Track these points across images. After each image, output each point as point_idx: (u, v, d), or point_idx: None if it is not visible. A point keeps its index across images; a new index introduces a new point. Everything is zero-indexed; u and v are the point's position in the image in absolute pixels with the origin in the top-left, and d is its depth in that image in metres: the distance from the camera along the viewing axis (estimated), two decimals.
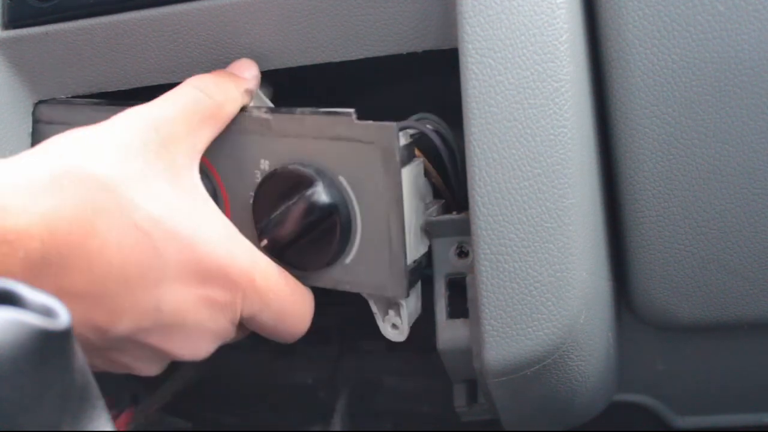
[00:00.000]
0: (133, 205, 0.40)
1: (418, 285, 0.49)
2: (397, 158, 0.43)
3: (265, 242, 0.46)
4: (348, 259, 0.46)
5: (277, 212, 0.45)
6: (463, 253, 0.49)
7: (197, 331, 0.43)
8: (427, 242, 0.48)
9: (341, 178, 0.45)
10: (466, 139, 0.44)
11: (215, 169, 0.49)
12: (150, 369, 0.45)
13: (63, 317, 0.28)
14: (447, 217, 0.48)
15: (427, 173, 0.49)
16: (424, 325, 0.51)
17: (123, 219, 0.40)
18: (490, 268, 0.44)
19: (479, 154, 0.44)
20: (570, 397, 0.48)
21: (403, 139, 0.44)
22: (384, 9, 0.49)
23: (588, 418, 0.54)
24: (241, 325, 0.46)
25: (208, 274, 0.42)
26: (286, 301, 0.46)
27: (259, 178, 0.47)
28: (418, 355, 0.70)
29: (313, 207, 0.44)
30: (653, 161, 0.46)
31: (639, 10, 0.45)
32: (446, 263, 0.49)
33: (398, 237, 0.44)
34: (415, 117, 0.50)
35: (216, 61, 0.52)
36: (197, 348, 0.44)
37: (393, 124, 0.43)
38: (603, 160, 0.48)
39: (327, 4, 0.49)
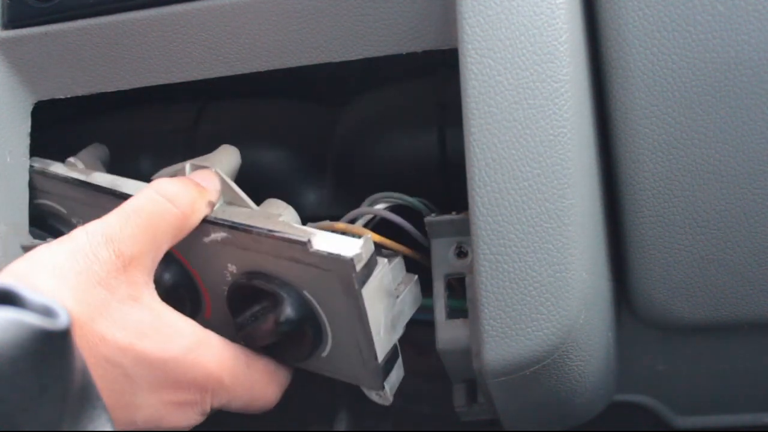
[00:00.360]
0: (101, 339, 0.41)
1: (399, 359, 0.49)
2: (356, 286, 0.43)
3: (242, 341, 0.47)
4: (324, 354, 0.47)
5: (249, 314, 0.46)
6: (462, 254, 0.49)
7: (170, 425, 0.45)
8: (401, 327, 0.49)
9: (306, 293, 0.45)
10: (466, 139, 0.44)
11: (188, 262, 0.49)
12: None
13: (63, 317, 0.28)
14: (446, 217, 0.48)
15: (395, 250, 0.49)
16: (423, 326, 0.51)
17: (93, 354, 0.41)
18: (489, 268, 0.44)
19: (479, 155, 0.44)
20: (570, 397, 0.48)
21: (363, 252, 0.43)
22: (384, 9, 0.49)
23: (588, 418, 0.54)
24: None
25: (177, 385, 0.44)
26: (254, 390, 0.48)
27: (229, 278, 0.48)
28: (418, 356, 0.70)
29: (282, 322, 0.45)
30: (653, 161, 0.46)
31: (639, 10, 0.45)
32: (445, 263, 0.49)
33: (366, 346, 0.45)
34: (370, 199, 0.51)
35: (216, 62, 0.52)
36: None
37: (348, 258, 0.42)
38: (603, 160, 0.48)
39: (327, 4, 0.49)
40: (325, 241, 0.44)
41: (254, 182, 0.62)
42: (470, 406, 0.53)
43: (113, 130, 0.64)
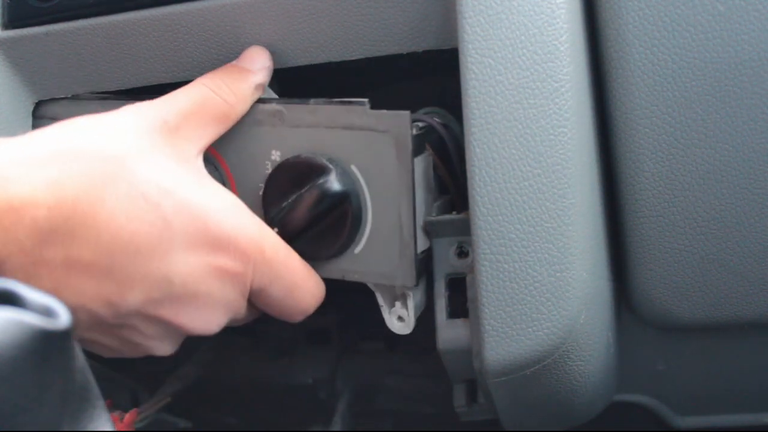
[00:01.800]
0: (142, 176, 0.41)
1: (424, 279, 0.49)
2: (410, 147, 0.43)
3: (275, 231, 0.46)
4: (357, 249, 0.47)
5: (288, 200, 0.45)
6: (463, 253, 0.49)
7: (208, 302, 0.43)
8: (428, 242, 0.49)
9: (353, 167, 0.45)
10: (466, 139, 0.44)
11: (224, 160, 0.49)
12: (163, 348, 0.45)
13: (63, 317, 0.28)
14: (447, 217, 0.48)
15: (435, 167, 0.49)
16: (423, 326, 0.51)
17: (132, 189, 0.40)
18: (490, 268, 0.44)
19: (479, 154, 0.44)
20: (570, 397, 0.48)
21: (414, 130, 0.45)
22: (384, 9, 0.49)
23: (588, 418, 0.54)
24: (251, 304, 0.46)
25: (218, 244, 0.42)
26: (295, 273, 0.46)
27: (269, 169, 0.47)
28: (418, 356, 0.70)
29: (325, 195, 0.45)
30: (653, 161, 0.46)
31: (639, 10, 0.45)
32: (446, 263, 0.49)
33: (409, 225, 0.44)
34: (423, 110, 0.50)
35: (216, 61, 0.52)
36: (209, 321, 0.44)
37: (406, 113, 0.43)
38: (603, 160, 0.48)
39: (327, 4, 0.49)
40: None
41: None
42: (470, 406, 0.53)
43: None
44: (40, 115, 0.56)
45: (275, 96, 0.52)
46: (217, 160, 0.49)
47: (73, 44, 0.54)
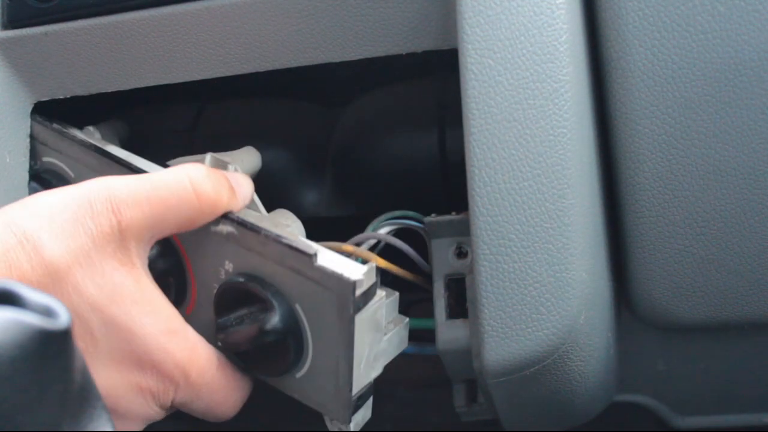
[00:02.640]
0: (75, 289, 0.40)
1: (371, 398, 0.48)
2: (351, 311, 0.42)
3: (219, 342, 0.46)
4: (299, 374, 0.47)
5: (234, 316, 0.45)
6: (462, 254, 0.49)
7: (126, 414, 0.43)
8: (381, 366, 0.48)
9: (297, 306, 0.45)
10: (466, 139, 0.44)
11: (185, 250, 0.49)
12: None
13: (63, 317, 0.28)
14: (446, 217, 0.48)
15: (399, 275, 0.49)
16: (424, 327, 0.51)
17: (62, 302, 0.40)
18: (489, 268, 0.44)
19: (479, 155, 0.44)
20: (570, 397, 0.48)
21: (366, 279, 0.43)
22: (384, 9, 0.49)
23: (588, 418, 0.54)
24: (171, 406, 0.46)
25: (142, 365, 0.42)
26: (218, 394, 0.46)
27: (223, 275, 0.47)
28: (418, 356, 0.70)
29: (266, 331, 0.44)
30: (653, 161, 0.46)
31: (639, 10, 0.45)
32: (445, 264, 0.49)
33: (345, 374, 0.44)
34: (373, 225, 0.50)
35: (216, 61, 0.52)
36: (124, 428, 0.44)
37: (350, 280, 0.42)
38: (603, 160, 0.48)
39: (327, 4, 0.49)
40: (331, 259, 0.44)
41: (254, 182, 0.62)
42: (470, 407, 0.53)
43: None
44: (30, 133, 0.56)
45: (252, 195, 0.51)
46: (177, 245, 0.49)
47: (72, 44, 0.54)
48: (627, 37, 0.46)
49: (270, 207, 0.60)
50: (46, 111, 0.57)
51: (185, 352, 0.44)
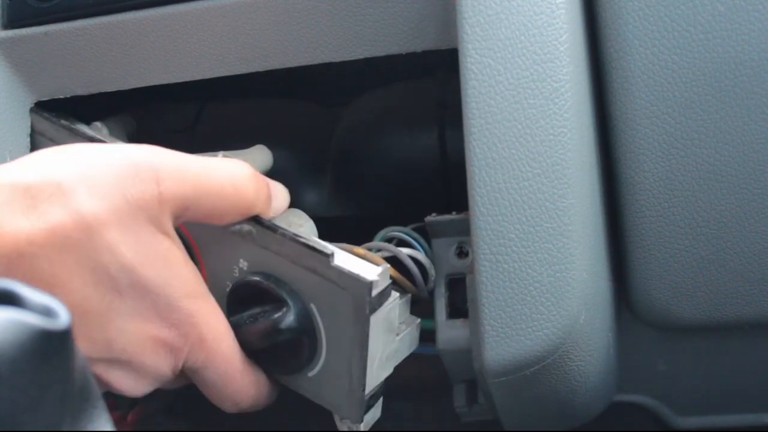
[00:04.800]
0: (108, 248, 0.40)
1: (381, 399, 0.48)
2: (367, 311, 0.42)
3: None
4: (311, 373, 0.47)
5: (247, 315, 0.45)
6: (462, 253, 0.49)
7: (139, 369, 0.44)
8: (392, 366, 0.48)
9: (312, 306, 0.45)
10: (466, 139, 0.44)
11: (198, 248, 0.49)
12: (124, 389, 0.45)
13: (63, 317, 0.28)
14: (447, 217, 0.48)
15: (403, 287, 0.49)
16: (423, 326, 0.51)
17: (92, 257, 0.40)
18: (489, 268, 0.44)
19: (479, 154, 0.44)
20: (570, 397, 0.48)
21: (381, 281, 0.43)
22: (384, 9, 0.49)
23: (588, 418, 0.54)
24: (183, 374, 0.46)
25: (163, 319, 0.43)
26: (231, 366, 0.46)
27: (237, 274, 0.47)
28: (418, 355, 0.70)
29: (281, 329, 0.44)
30: (653, 161, 0.46)
31: (639, 10, 0.45)
32: (446, 263, 0.49)
33: (359, 374, 0.44)
34: (394, 232, 0.50)
35: (216, 61, 0.52)
36: (135, 386, 0.44)
37: (367, 281, 0.42)
38: (603, 160, 0.48)
39: (327, 4, 0.49)
40: (347, 260, 0.44)
41: None
42: (470, 407, 0.53)
43: None
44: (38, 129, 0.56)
45: None
46: (191, 244, 0.48)
47: (72, 44, 0.54)
48: (627, 37, 0.46)
49: None
50: (48, 108, 0.57)
51: (205, 316, 0.44)
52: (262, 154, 0.55)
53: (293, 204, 0.54)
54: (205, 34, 0.52)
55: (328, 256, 0.43)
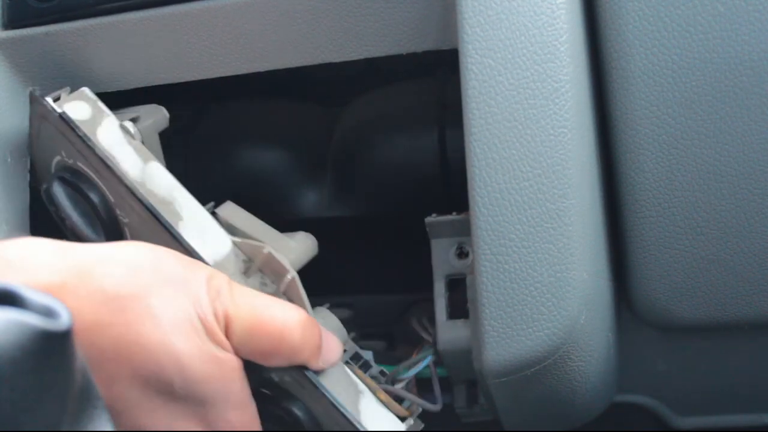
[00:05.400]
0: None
1: None
2: None
3: None
4: None
5: None
6: (463, 254, 0.49)
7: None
8: None
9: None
10: (466, 139, 0.44)
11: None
12: None
13: (63, 317, 0.28)
14: (447, 217, 0.48)
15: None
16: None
17: None
18: (490, 268, 0.44)
19: (479, 155, 0.44)
20: (570, 397, 0.48)
21: None
22: (384, 9, 0.49)
23: (589, 418, 0.54)
24: None
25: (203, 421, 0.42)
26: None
27: None
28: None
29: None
30: (653, 161, 0.46)
31: (639, 10, 0.45)
32: (446, 264, 0.49)
33: None
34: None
35: (216, 61, 0.52)
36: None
37: None
38: (603, 160, 0.48)
39: (327, 4, 0.49)
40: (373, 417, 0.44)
41: (254, 182, 0.63)
42: (471, 407, 0.53)
43: None
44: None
45: (301, 291, 0.48)
46: None
47: (73, 44, 0.54)
48: (627, 37, 0.46)
49: (269, 207, 0.60)
50: None
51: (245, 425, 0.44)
52: (306, 244, 0.51)
53: (293, 204, 0.54)
54: (205, 34, 0.52)
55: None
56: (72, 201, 0.50)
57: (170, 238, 0.46)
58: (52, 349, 0.28)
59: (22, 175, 0.56)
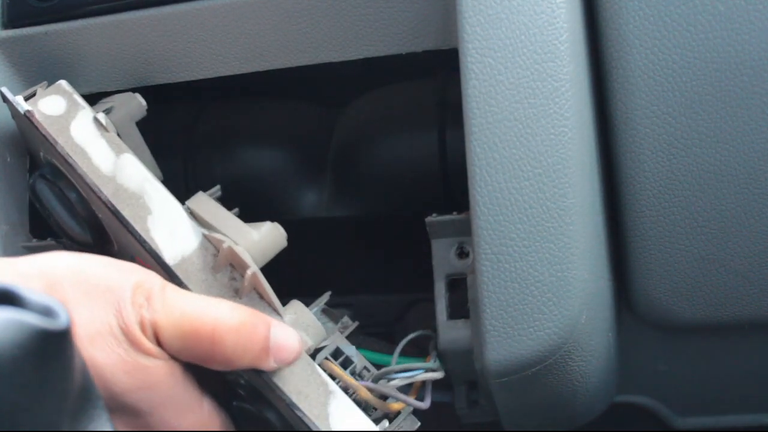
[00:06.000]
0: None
1: None
2: None
3: None
4: None
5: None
6: (463, 254, 0.49)
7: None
8: None
9: None
10: (467, 139, 0.44)
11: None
12: None
13: (63, 317, 0.28)
14: (447, 217, 0.48)
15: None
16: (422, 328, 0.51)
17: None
18: (490, 268, 0.44)
19: (479, 154, 0.44)
20: (571, 397, 0.48)
21: None
22: (384, 9, 0.49)
23: (589, 418, 0.54)
24: None
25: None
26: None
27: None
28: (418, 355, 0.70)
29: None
30: (653, 161, 0.46)
31: (639, 10, 0.45)
32: (446, 263, 0.49)
33: None
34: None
35: (216, 61, 0.52)
36: None
37: None
38: (603, 160, 0.48)
39: (327, 4, 0.49)
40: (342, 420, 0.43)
41: (254, 182, 0.62)
42: (471, 408, 0.53)
43: None
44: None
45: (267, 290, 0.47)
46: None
47: (73, 44, 0.54)
48: (627, 37, 0.46)
49: (269, 207, 0.60)
50: None
51: None
52: (272, 236, 0.48)
53: (293, 204, 0.54)
54: (205, 33, 0.52)
55: None
56: (56, 197, 0.49)
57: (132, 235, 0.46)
58: (51, 348, 0.28)
59: (22, 174, 0.56)
